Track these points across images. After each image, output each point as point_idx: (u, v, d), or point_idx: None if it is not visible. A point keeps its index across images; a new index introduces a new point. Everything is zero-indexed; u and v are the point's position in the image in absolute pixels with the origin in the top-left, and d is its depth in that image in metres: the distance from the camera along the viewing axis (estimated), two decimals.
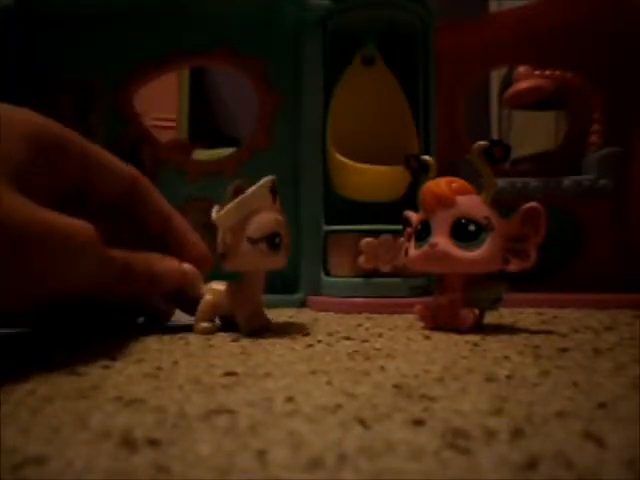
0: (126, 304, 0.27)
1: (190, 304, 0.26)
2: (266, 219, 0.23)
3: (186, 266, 0.26)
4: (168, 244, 0.27)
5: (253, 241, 0.23)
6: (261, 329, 0.25)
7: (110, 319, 0.27)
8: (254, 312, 0.25)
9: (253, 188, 0.23)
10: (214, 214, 0.24)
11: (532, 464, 0.09)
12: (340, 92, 0.42)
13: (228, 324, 0.26)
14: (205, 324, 0.25)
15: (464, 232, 0.25)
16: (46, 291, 0.18)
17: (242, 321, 0.25)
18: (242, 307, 0.25)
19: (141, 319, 0.28)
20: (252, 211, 0.23)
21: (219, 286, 0.26)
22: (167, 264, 0.25)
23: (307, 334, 0.25)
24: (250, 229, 0.23)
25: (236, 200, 0.23)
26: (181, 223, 0.27)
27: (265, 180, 0.23)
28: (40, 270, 0.18)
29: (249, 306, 0.25)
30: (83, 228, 0.19)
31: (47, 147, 0.20)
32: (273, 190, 0.24)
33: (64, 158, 0.21)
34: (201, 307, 0.25)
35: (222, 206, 0.23)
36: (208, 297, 0.25)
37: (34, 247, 0.17)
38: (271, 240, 0.23)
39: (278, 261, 0.24)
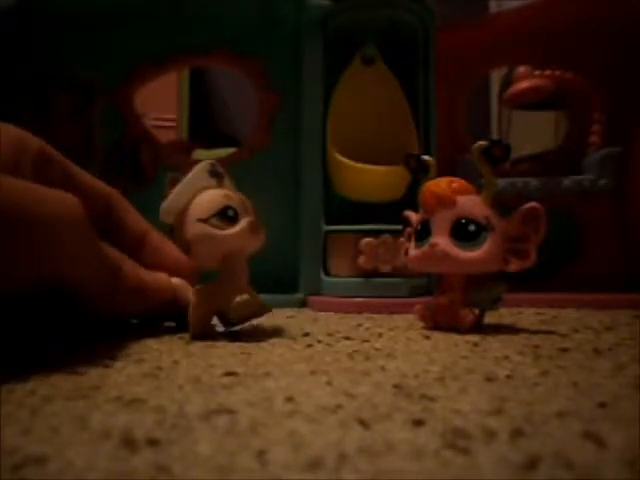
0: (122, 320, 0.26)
1: (181, 320, 0.25)
2: (211, 196, 0.22)
3: (175, 280, 0.26)
4: (145, 261, 0.26)
5: (204, 221, 0.22)
6: (253, 316, 0.24)
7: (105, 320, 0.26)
8: (241, 301, 0.24)
9: (188, 175, 0.22)
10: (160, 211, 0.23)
11: (532, 464, 0.09)
12: (340, 92, 0.42)
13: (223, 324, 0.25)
14: (201, 326, 0.24)
15: (464, 232, 0.24)
16: (33, 271, 0.18)
17: (230, 311, 0.24)
18: (227, 298, 0.24)
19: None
20: (193, 196, 0.22)
21: (204, 287, 0.25)
22: (157, 277, 0.25)
23: (307, 334, 0.25)
24: (197, 211, 0.22)
25: (173, 191, 0.22)
26: (157, 238, 0.27)
27: (201, 164, 0.23)
28: (26, 243, 0.17)
29: (234, 295, 0.24)
30: (67, 197, 0.18)
31: (31, 156, 0.20)
32: (214, 173, 0.23)
33: (48, 171, 0.21)
34: (192, 309, 0.24)
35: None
36: (195, 300, 0.24)
37: (19, 219, 0.16)
38: (224, 213, 0.22)
39: (244, 235, 0.22)
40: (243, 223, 0.23)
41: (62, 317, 0.25)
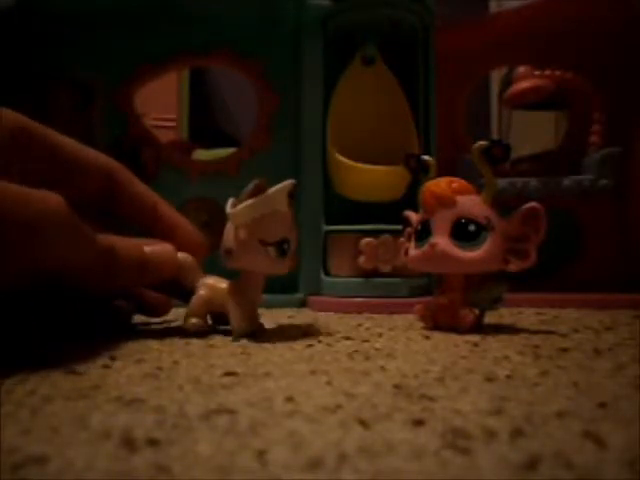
0: (119, 296, 0.26)
1: (186, 293, 0.25)
2: (280, 224, 0.23)
3: (181, 255, 0.25)
4: (157, 234, 0.26)
5: (265, 244, 0.22)
6: (252, 333, 0.24)
7: (106, 318, 0.26)
8: (249, 314, 0.24)
9: (274, 189, 0.23)
10: (229, 208, 0.23)
11: (532, 464, 0.09)
12: (340, 92, 0.42)
13: (217, 321, 0.25)
14: (195, 320, 0.24)
15: (464, 232, 0.24)
16: (17, 269, 0.17)
17: (236, 322, 0.24)
18: (238, 308, 0.24)
19: (137, 316, 0.28)
20: (268, 213, 0.22)
21: (214, 282, 0.25)
22: (160, 250, 0.24)
23: (307, 334, 0.25)
24: (264, 231, 0.22)
25: (256, 199, 0.22)
26: (168, 210, 0.26)
27: (286, 183, 0.23)
28: (5, 244, 0.17)
29: (245, 307, 0.24)
30: (50, 196, 0.18)
31: (7, 130, 0.20)
32: (291, 195, 0.23)
33: (28, 147, 0.20)
34: (194, 302, 0.25)
35: (238, 201, 0.23)
36: (202, 292, 0.25)
37: (2, 221, 0.16)
38: (280, 246, 0.23)
39: (283, 267, 0.24)
40: (289, 261, 0.23)
41: (61, 314, 0.25)
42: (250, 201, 0.22)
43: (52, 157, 0.22)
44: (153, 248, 0.24)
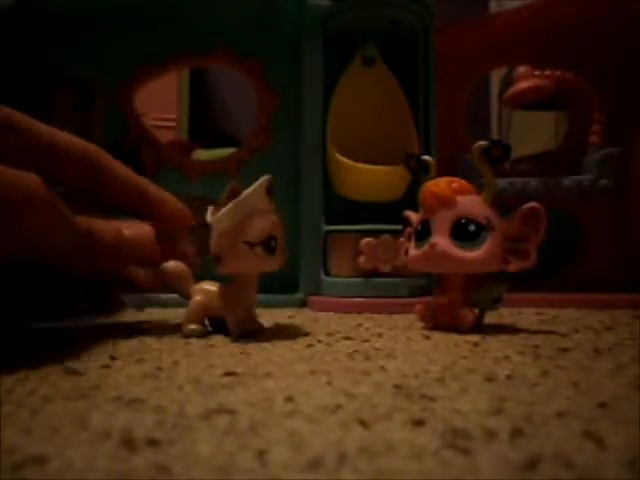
0: (115, 282, 0.26)
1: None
2: (263, 222, 0.23)
3: (173, 263, 0.26)
4: (145, 211, 0.26)
5: (251, 245, 0.22)
6: (252, 333, 0.24)
7: (101, 303, 0.26)
8: (246, 315, 0.24)
9: (250, 190, 0.22)
10: (209, 216, 0.23)
11: (532, 464, 0.09)
12: (340, 92, 0.42)
13: (216, 326, 0.25)
14: (193, 326, 0.24)
15: (464, 232, 0.24)
16: (4, 246, 0.18)
17: (233, 324, 0.24)
18: (234, 310, 0.24)
19: (137, 315, 0.28)
20: (249, 213, 0.22)
21: (209, 286, 0.25)
22: (138, 233, 0.24)
23: (307, 334, 0.25)
24: (248, 233, 0.22)
25: (233, 202, 0.22)
26: (150, 186, 0.26)
27: (262, 180, 0.23)
28: None
29: (241, 309, 0.24)
30: (28, 177, 0.18)
31: None
32: (269, 190, 0.23)
33: (7, 133, 0.21)
34: (190, 308, 0.25)
35: (217, 207, 0.23)
36: (198, 298, 0.25)
37: None
38: (267, 244, 0.23)
39: (274, 264, 0.23)
40: (278, 257, 0.23)
41: (56, 301, 0.25)
42: (228, 205, 0.22)
43: (33, 137, 0.22)
44: (131, 231, 0.24)
